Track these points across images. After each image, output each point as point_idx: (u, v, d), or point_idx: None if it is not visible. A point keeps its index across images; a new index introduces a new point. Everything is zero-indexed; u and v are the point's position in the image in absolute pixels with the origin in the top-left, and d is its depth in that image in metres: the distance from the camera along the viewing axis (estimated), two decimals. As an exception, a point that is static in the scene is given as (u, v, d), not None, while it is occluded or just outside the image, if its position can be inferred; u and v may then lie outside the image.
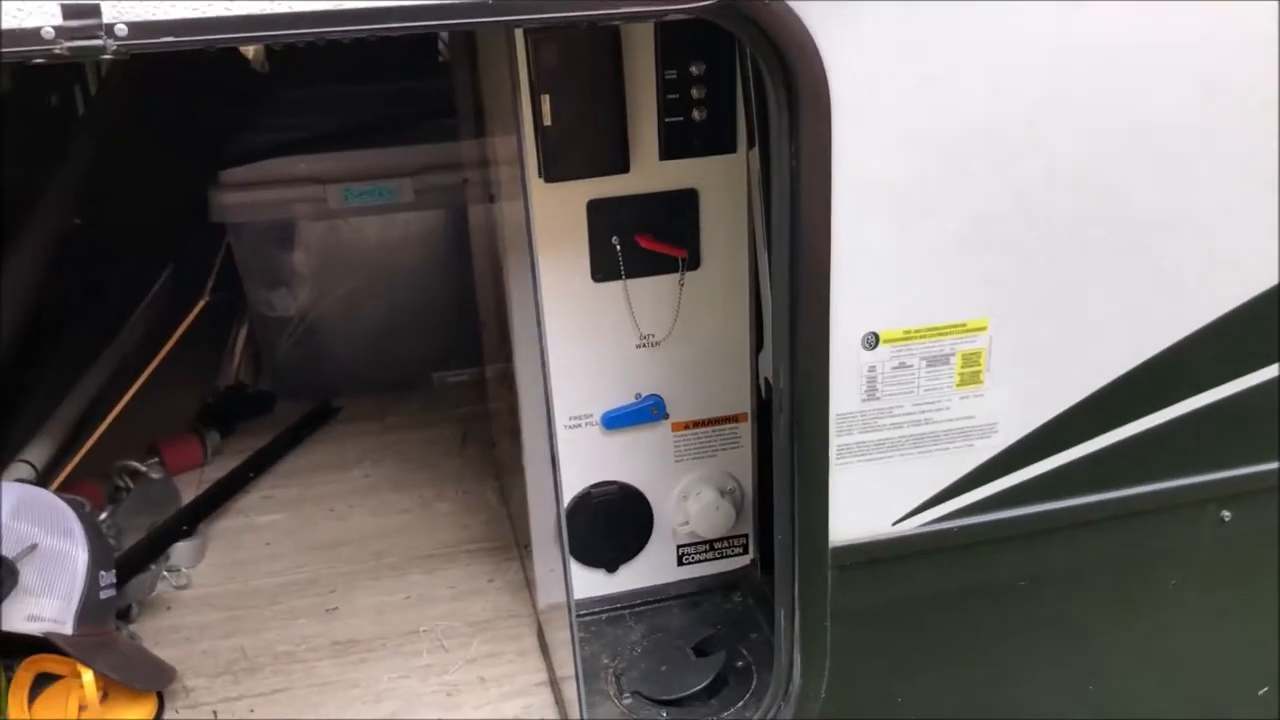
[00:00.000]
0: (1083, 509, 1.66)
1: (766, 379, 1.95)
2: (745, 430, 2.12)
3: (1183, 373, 1.63)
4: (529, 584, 2.28)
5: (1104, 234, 1.53)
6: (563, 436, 2.02)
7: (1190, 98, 1.49)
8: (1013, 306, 1.54)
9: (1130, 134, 1.50)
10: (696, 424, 2.09)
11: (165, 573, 2.35)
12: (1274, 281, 1.60)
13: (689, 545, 2.17)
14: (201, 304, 3.07)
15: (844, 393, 1.52)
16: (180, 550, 2.40)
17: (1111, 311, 1.58)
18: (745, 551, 2.21)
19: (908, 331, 1.51)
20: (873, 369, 1.52)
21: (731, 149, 1.91)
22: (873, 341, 1.51)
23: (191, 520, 2.51)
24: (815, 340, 1.48)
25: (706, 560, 2.19)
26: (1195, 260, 1.58)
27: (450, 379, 3.18)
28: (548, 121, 1.81)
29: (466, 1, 1.23)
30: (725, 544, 2.19)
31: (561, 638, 2.08)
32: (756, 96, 1.69)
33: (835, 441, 1.55)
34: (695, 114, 1.87)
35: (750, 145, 1.84)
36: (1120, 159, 1.51)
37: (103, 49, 1.16)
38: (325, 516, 2.60)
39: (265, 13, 1.17)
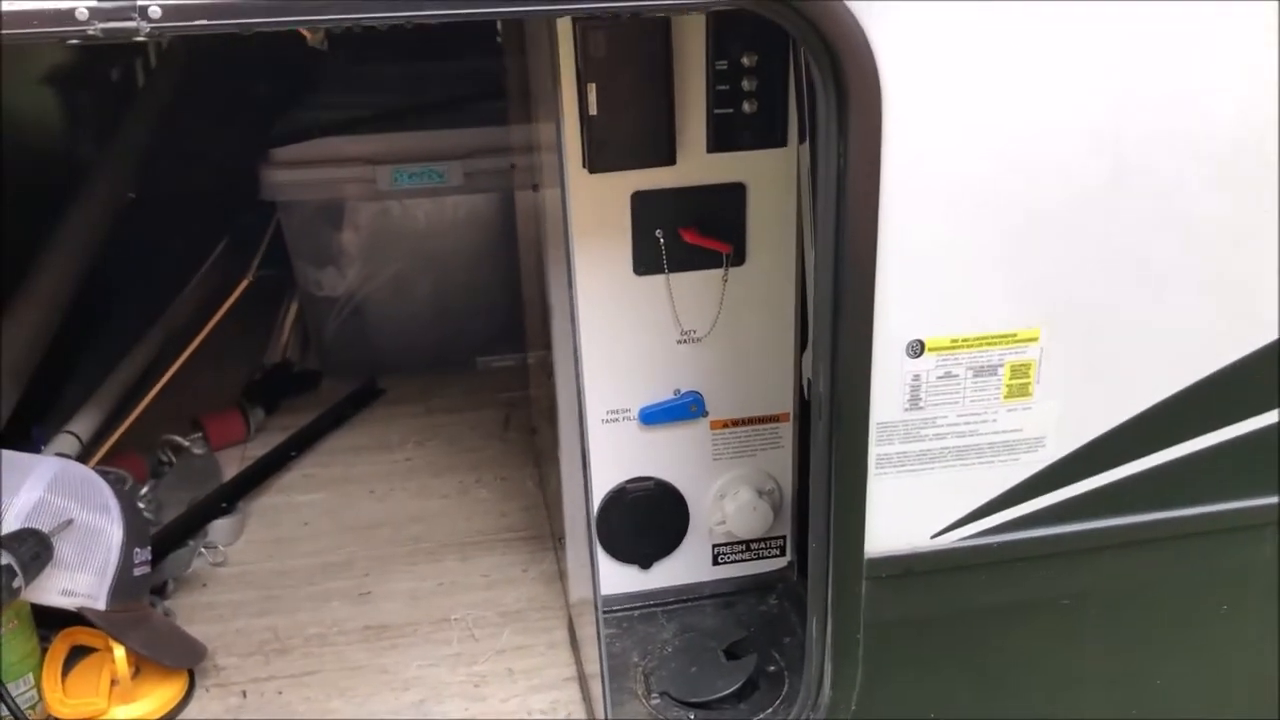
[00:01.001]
0: (1131, 528, 1.60)
1: (809, 379, 1.91)
2: (786, 430, 2.08)
3: (1243, 391, 1.56)
4: (562, 576, 2.26)
5: (1167, 243, 1.47)
6: (599, 431, 2.00)
7: (1263, 101, 1.42)
8: (1067, 317, 1.48)
9: (1201, 139, 1.43)
10: (736, 422, 2.05)
11: (203, 549, 2.36)
12: (1348, 299, 1.52)
13: (725, 545, 2.14)
14: (245, 284, 3.08)
15: (886, 401, 1.48)
16: (219, 527, 2.42)
17: (1171, 325, 1.51)
18: (782, 553, 2.17)
19: (954, 340, 1.46)
20: (917, 377, 1.47)
21: (782, 143, 1.87)
22: (918, 349, 1.46)
23: (231, 497, 2.52)
24: (858, 346, 1.44)
25: (742, 560, 2.16)
26: (1263, 274, 1.51)
27: (494, 363, 3.17)
28: (594, 110, 1.77)
29: (506, -11, 1.19)
30: (762, 545, 2.15)
31: (591, 633, 2.06)
32: (808, 90, 1.64)
33: (875, 450, 1.50)
34: (745, 106, 1.83)
35: (801, 140, 1.79)
36: (1189, 165, 1.44)
37: (136, 31, 1.15)
38: (365, 498, 2.60)
39: (300, -3, 1.15)
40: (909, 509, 1.55)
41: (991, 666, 1.68)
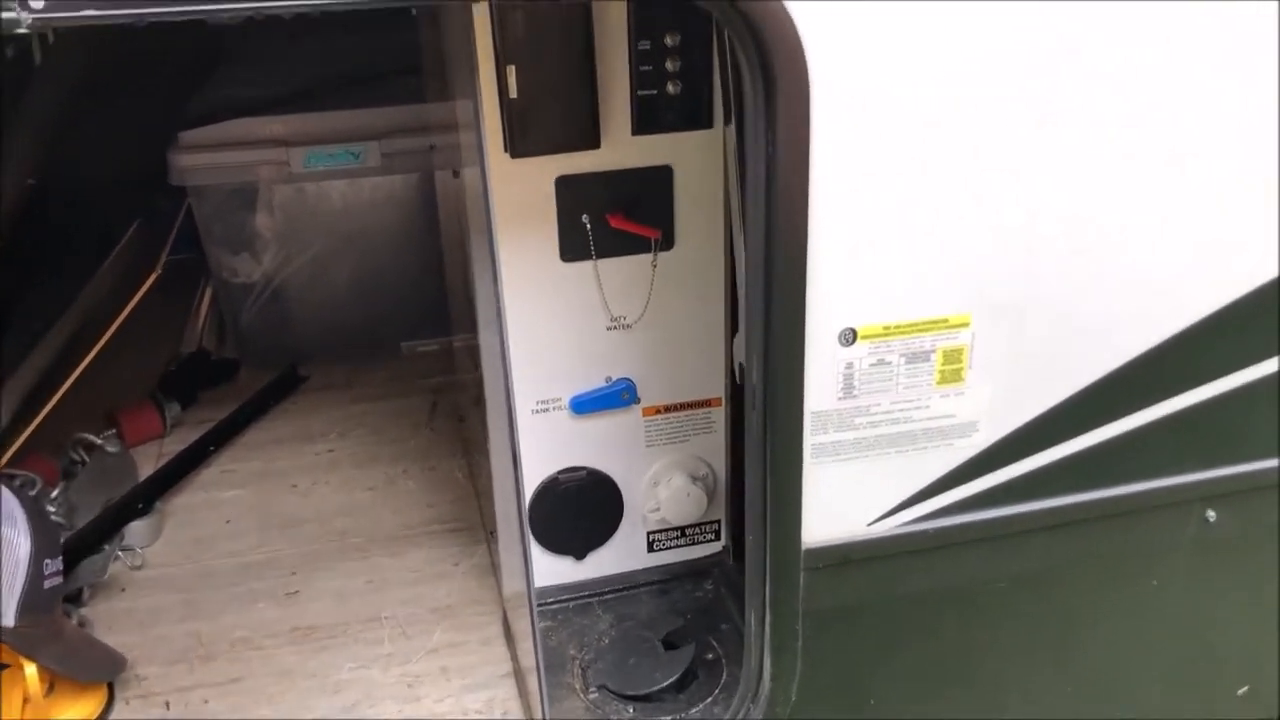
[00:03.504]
0: (1063, 509, 1.60)
1: (741, 364, 1.88)
2: (719, 415, 2.05)
3: (1169, 371, 1.56)
4: (495, 569, 2.22)
5: (1092, 229, 1.46)
6: (529, 422, 1.95)
7: (1186, 92, 1.41)
8: (996, 303, 1.47)
9: (1123, 128, 1.42)
10: (669, 408, 2.02)
11: (119, 553, 2.27)
12: (1266, 279, 1.53)
13: (659, 532, 2.11)
14: (154, 277, 2.97)
15: (819, 390, 1.45)
16: (136, 529, 2.33)
17: (1097, 309, 1.50)
18: (717, 538, 2.15)
19: (887, 327, 1.44)
20: (849, 365, 1.45)
21: (708, 124, 1.83)
22: (850, 338, 1.43)
23: (148, 497, 2.43)
24: (790, 335, 1.41)
25: (678, 546, 2.14)
26: (1183, 256, 1.51)
27: (419, 348, 3.10)
28: (514, 94, 1.71)
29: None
30: (697, 530, 2.13)
31: (526, 628, 2.02)
32: (734, 74, 1.60)
33: (810, 440, 1.48)
34: (670, 87, 1.78)
35: (727, 121, 1.76)
36: (1113, 155, 1.43)
37: (17, 22, 1.07)
38: (288, 492, 2.53)
39: (194, -14, 1.08)
40: (845, 497, 1.53)
41: (929, 652, 1.67)
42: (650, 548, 2.12)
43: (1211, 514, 1.67)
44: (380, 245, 2.97)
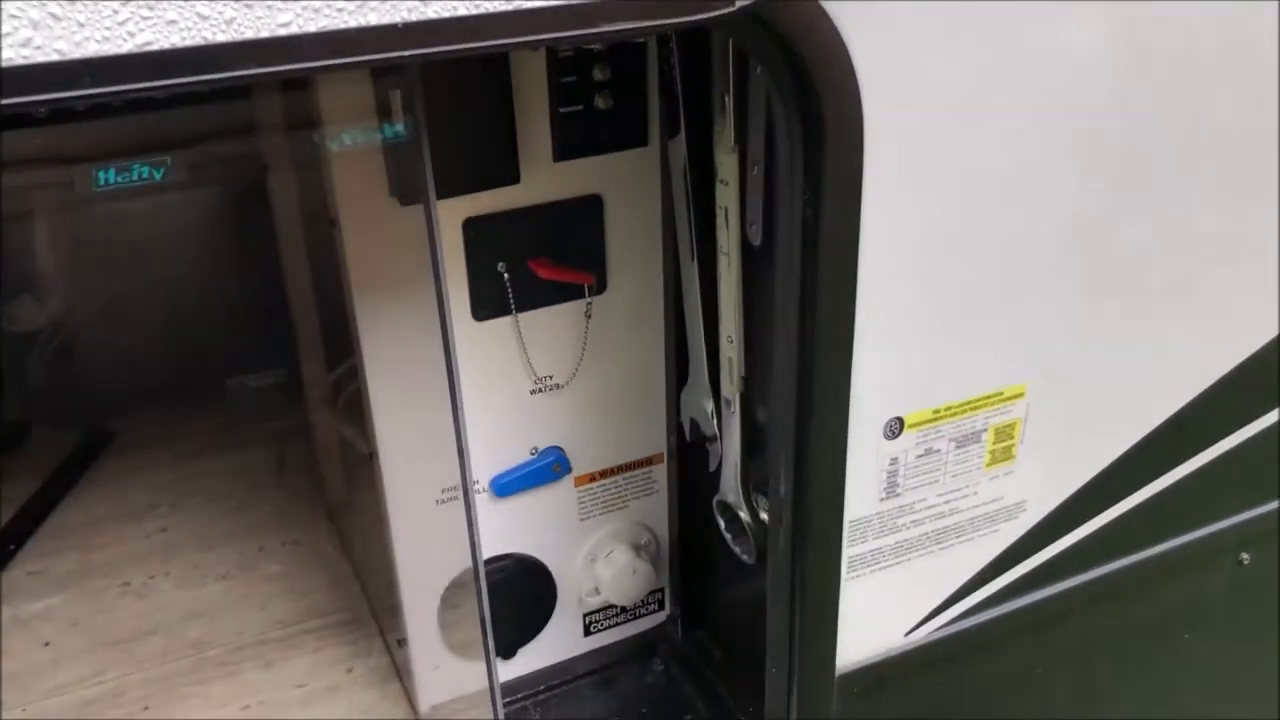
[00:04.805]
0: (1106, 578, 1.40)
1: (693, 419, 1.59)
2: (660, 473, 1.75)
3: (1214, 417, 1.39)
4: (399, 671, 1.86)
5: (1145, 279, 1.24)
6: (438, 514, 1.60)
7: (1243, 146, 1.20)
8: (1052, 366, 1.22)
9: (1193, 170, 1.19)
10: (604, 473, 1.71)
11: (-92, 713, 1.79)
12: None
13: (597, 612, 1.81)
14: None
15: (860, 493, 1.18)
16: (-74, 675, 1.84)
17: (1149, 360, 1.29)
18: (661, 607, 1.86)
19: (937, 411, 1.17)
20: (894, 460, 1.18)
21: (642, 141, 1.50)
22: (896, 429, 1.16)
23: (-64, 626, 1.94)
24: (831, 434, 1.12)
25: (618, 624, 1.84)
26: (1237, 296, 1.32)
27: (250, 383, 2.64)
28: (399, 120, 1.33)
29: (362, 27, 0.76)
30: (639, 603, 1.83)
31: (455, 750, 1.70)
32: (681, 83, 1.30)
33: (847, 552, 1.20)
34: (598, 101, 1.44)
35: (671, 134, 1.44)
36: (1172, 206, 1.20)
37: None
38: (119, 594, 2.07)
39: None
40: (882, 609, 1.27)
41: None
42: (587, 631, 1.82)
43: (1246, 556, 1.50)
44: (193, 270, 2.49)
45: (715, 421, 1.52)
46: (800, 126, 0.97)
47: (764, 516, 1.45)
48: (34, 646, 1.95)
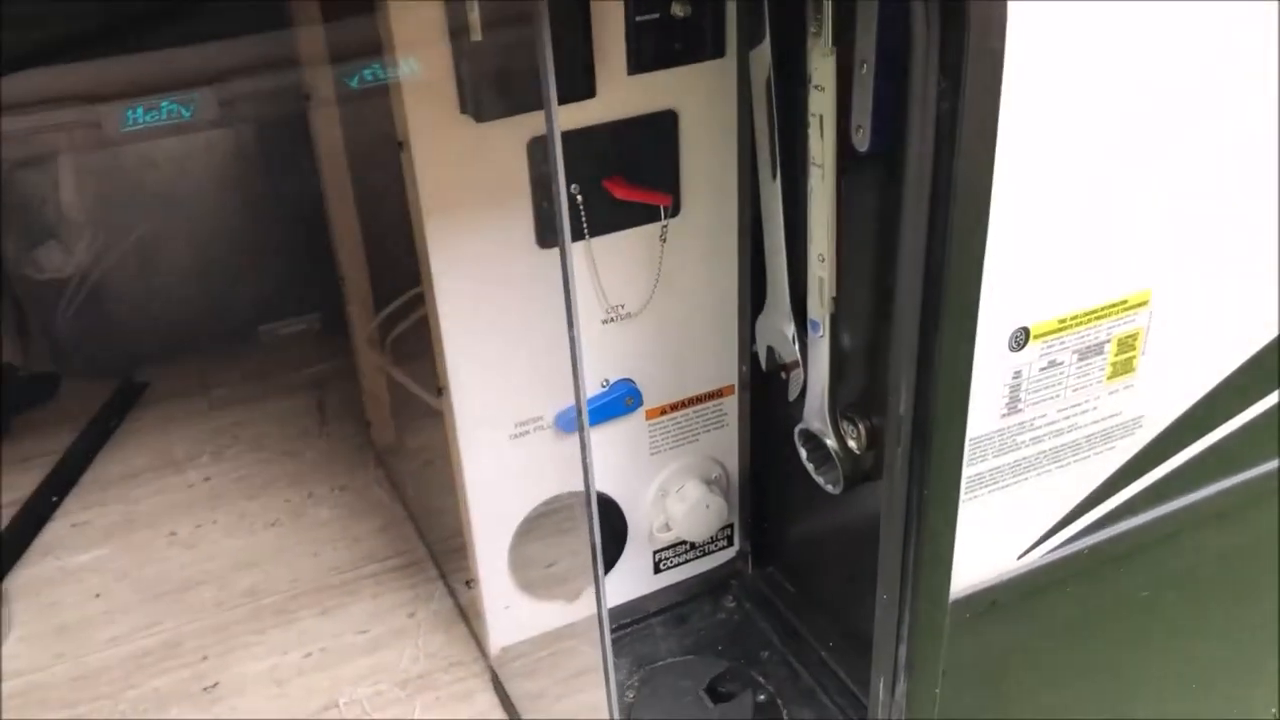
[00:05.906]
0: (1213, 500, 1.34)
1: (770, 347, 1.53)
2: (731, 405, 1.69)
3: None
4: (463, 614, 1.81)
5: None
6: (510, 450, 1.55)
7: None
8: (1177, 271, 1.16)
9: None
10: (675, 406, 1.65)
11: (-39, 667, 1.74)
12: None
13: (668, 549, 1.76)
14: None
15: (980, 409, 1.12)
16: (-26, 630, 1.80)
17: (1265, 268, 1.22)
18: (730, 544, 1.81)
19: (1063, 320, 1.11)
20: (1017, 374, 1.12)
21: (720, 52, 1.43)
22: (1022, 339, 1.10)
23: (-18, 580, 1.89)
24: (958, 346, 1.06)
25: (689, 562, 1.79)
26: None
27: (283, 330, 2.58)
28: (478, 35, 1.26)
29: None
30: (709, 540, 1.78)
31: (529, 689, 1.66)
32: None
33: (966, 471, 1.15)
34: (675, 8, 1.37)
35: (752, 44, 1.36)
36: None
37: None
38: (167, 544, 2.02)
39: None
40: (995, 531, 1.21)
41: (1069, 680, 1.40)
42: (657, 569, 1.77)
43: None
44: (223, 213, 2.42)
45: (798, 347, 1.46)
46: (940, 6, 0.90)
47: (851, 444, 1.39)
48: (85, 598, 1.90)
